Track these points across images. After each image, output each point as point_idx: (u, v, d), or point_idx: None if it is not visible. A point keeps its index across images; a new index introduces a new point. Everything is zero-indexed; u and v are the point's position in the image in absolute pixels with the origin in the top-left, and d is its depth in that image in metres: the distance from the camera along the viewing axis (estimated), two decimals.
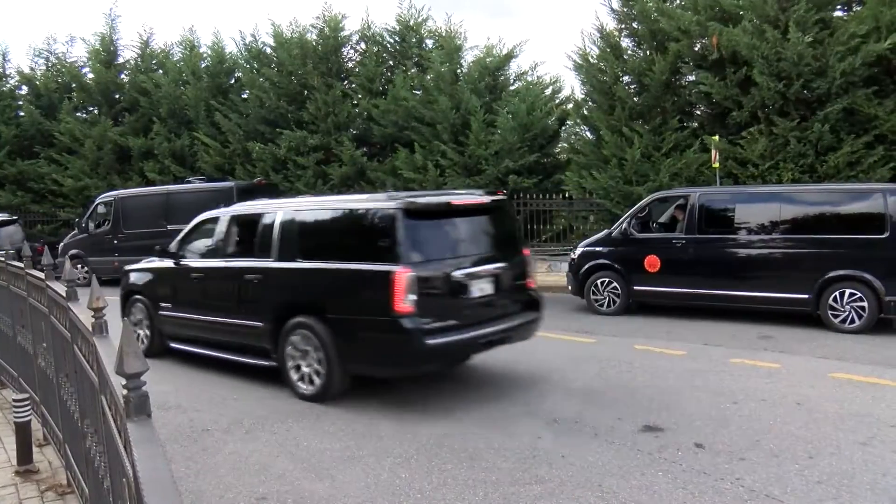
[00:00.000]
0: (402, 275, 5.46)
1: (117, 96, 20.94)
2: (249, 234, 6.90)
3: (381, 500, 4.17)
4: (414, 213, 5.75)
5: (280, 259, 6.44)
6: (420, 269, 5.60)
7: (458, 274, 5.84)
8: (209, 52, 19.79)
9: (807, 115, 11.42)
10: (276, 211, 6.69)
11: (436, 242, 6.02)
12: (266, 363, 6.58)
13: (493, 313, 6.19)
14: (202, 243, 7.57)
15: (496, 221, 6.60)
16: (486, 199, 6.51)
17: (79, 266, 15.08)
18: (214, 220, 7.51)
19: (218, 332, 7.09)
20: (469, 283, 5.92)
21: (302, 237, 6.45)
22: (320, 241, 6.40)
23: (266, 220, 6.71)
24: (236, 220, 7.26)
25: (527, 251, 6.90)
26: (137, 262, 8.71)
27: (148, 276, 8.12)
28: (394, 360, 5.92)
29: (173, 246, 7.90)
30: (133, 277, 8.33)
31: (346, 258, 5.98)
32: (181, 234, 7.99)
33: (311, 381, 6.17)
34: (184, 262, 7.62)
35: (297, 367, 6.26)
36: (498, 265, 6.22)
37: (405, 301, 5.47)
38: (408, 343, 5.58)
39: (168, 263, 7.78)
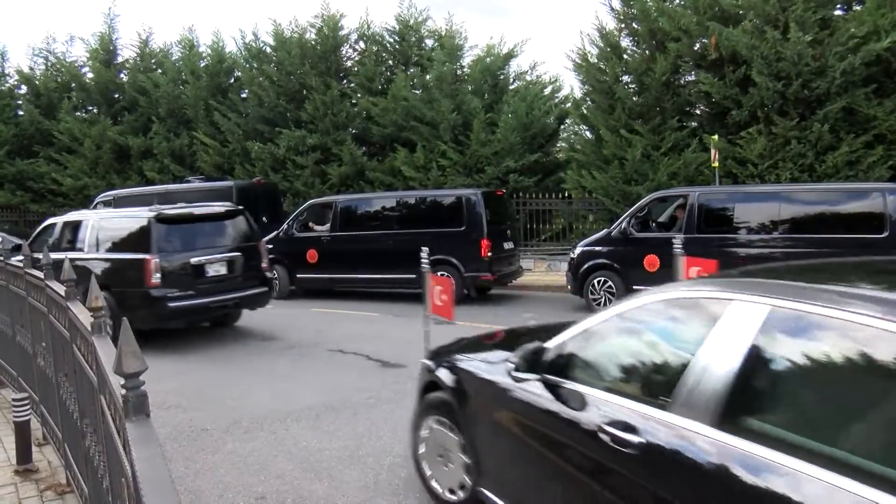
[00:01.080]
0: (151, 261, 8.22)
1: (116, 96, 20.95)
2: (74, 234, 9.43)
3: (381, 500, 4.17)
4: (163, 220, 8.53)
5: (88, 252, 8.90)
6: (165, 257, 8.35)
7: (194, 260, 8.59)
8: (208, 51, 19.80)
9: (806, 115, 11.43)
10: (89, 219, 9.39)
11: (181, 239, 8.68)
12: None
13: (227, 287, 8.93)
14: (47, 241, 9.66)
15: (234, 224, 9.37)
16: (223, 209, 9.50)
17: None
18: (54, 224, 10.05)
19: None
20: (205, 266, 8.68)
21: (102, 237, 9.01)
22: (112, 239, 8.92)
23: (83, 225, 9.34)
24: (66, 225, 9.75)
25: (260, 244, 9.61)
26: None
27: None
28: (150, 318, 8.35)
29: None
30: None
31: (124, 251, 8.66)
32: (34, 234, 10.59)
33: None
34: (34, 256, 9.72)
35: None
36: (232, 254, 9.02)
37: (153, 278, 8.19)
38: (156, 306, 8.23)
39: None
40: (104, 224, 9.15)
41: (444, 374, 3.98)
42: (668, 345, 2.78)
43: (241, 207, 9.75)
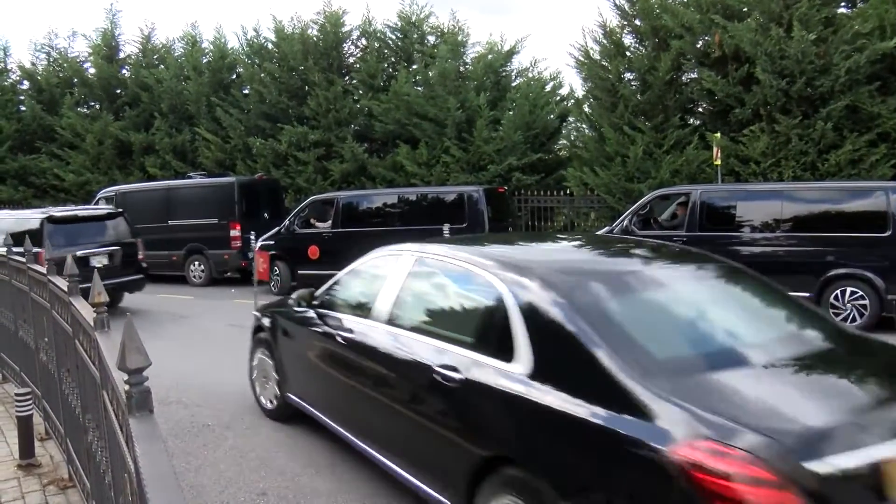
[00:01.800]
0: (41, 254, 9.87)
1: (119, 91, 20.91)
2: None
3: (383, 496, 4.18)
4: (53, 220, 10.29)
5: None
6: (56, 250, 9.65)
7: (80, 252, 9.97)
8: (211, 47, 19.74)
9: (809, 113, 11.39)
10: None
11: (71, 236, 10.38)
12: None
13: (109, 275, 9.97)
14: None
15: (114, 224, 11.20)
16: (105, 212, 11.45)
17: None
18: None
19: None
20: (90, 257, 10.33)
21: (7, 232, 10.31)
22: (16, 234, 10.01)
23: None
24: None
25: (138, 240, 11.44)
26: None
27: None
28: None
29: None
30: None
31: (18, 246, 9.58)
32: None
33: None
34: None
35: None
36: (113, 247, 10.86)
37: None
38: None
39: None
40: (10, 221, 10.88)
41: (265, 320, 5.71)
42: (373, 282, 4.50)
43: (120, 210, 11.71)
